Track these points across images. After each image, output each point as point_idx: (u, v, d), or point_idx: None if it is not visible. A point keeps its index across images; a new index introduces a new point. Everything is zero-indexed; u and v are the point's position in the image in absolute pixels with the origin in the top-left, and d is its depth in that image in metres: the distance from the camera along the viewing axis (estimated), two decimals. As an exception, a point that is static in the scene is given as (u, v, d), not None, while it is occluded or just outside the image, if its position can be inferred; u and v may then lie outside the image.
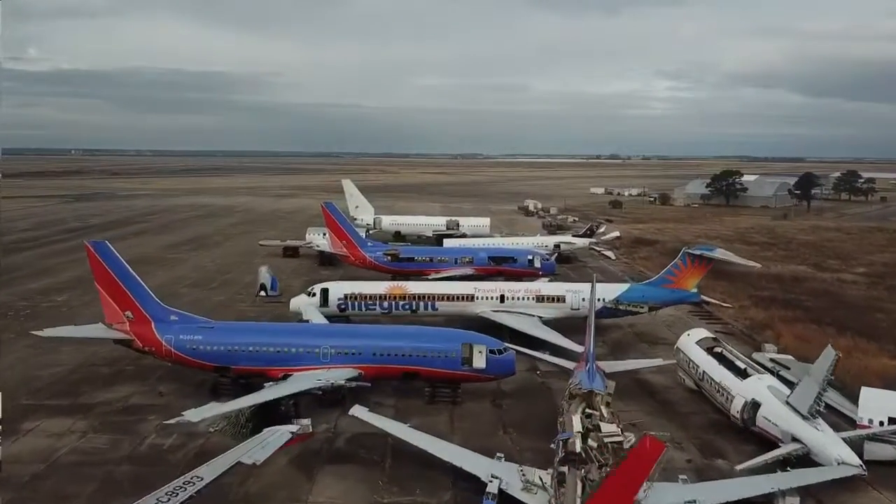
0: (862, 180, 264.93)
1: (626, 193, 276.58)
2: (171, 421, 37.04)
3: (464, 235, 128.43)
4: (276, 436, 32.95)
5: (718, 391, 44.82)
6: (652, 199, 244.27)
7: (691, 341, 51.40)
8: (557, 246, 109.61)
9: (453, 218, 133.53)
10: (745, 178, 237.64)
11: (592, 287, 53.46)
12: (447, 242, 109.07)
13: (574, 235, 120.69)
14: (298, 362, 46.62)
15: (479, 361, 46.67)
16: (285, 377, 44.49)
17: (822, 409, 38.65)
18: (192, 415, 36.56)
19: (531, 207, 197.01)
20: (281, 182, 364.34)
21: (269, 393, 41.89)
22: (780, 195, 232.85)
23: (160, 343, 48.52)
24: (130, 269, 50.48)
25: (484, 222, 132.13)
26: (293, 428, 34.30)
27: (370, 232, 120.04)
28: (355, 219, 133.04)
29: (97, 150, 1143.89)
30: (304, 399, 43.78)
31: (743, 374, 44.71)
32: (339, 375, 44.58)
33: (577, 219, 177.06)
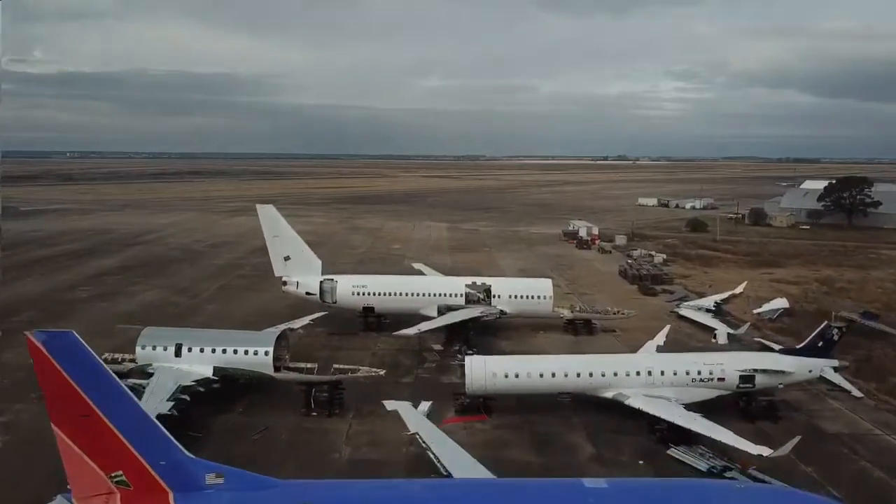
0: None
1: (689, 206, 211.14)
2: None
3: (502, 314, 65.11)
4: None
5: None
6: (738, 216, 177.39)
7: None
8: (751, 378, 45.09)
9: (480, 280, 68.30)
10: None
11: None
12: (471, 364, 45.65)
13: (799, 348, 51.39)
14: None
15: None
16: None
17: None
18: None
19: (583, 234, 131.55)
20: (251, 190, 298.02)
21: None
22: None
23: None
24: None
25: (543, 290, 66.57)
26: None
27: (294, 332, 53.97)
28: (285, 283, 68.46)
29: (92, 152, 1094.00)
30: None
31: None
32: None
33: (665, 257, 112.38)
